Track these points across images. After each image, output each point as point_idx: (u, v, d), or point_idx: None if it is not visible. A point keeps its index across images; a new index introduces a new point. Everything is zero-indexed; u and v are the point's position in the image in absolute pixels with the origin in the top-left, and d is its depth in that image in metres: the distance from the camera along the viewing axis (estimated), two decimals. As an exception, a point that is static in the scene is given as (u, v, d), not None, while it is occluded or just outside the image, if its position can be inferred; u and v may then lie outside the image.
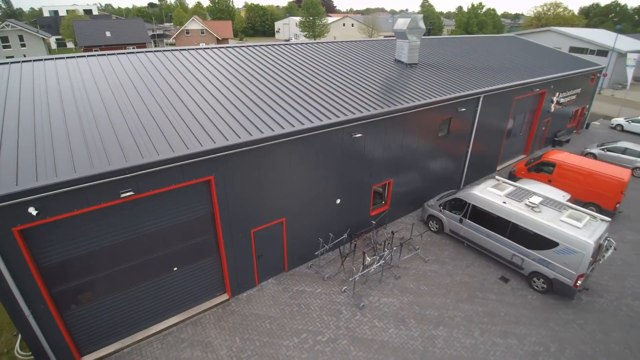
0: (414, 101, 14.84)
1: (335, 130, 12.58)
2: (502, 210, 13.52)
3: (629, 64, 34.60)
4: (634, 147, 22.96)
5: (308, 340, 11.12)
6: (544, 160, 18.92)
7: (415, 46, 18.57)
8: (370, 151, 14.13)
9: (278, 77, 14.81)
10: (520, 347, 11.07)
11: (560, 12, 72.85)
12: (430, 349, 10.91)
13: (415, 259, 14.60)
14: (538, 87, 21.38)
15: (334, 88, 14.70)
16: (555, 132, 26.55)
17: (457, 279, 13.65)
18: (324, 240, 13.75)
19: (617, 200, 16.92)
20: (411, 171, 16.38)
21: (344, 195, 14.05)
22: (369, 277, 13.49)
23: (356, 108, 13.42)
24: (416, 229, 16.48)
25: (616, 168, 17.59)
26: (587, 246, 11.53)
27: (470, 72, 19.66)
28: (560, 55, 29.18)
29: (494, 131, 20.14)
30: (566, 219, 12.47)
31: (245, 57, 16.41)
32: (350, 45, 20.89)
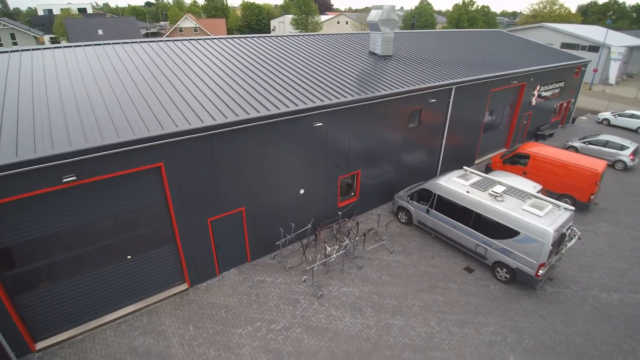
0: (380, 91, 14.71)
1: (294, 119, 12.46)
2: (466, 200, 13.37)
3: (613, 57, 34.23)
4: (615, 139, 22.74)
5: (262, 328, 11.01)
6: (519, 153, 18.75)
7: (388, 38, 18.43)
8: (334, 141, 14.00)
9: (242, 67, 14.72)
10: (476, 337, 10.92)
11: (555, 9, 72.48)
12: (384, 338, 10.77)
13: (381, 249, 14.46)
14: (516, 80, 21.20)
15: (300, 78, 14.60)
16: (538, 126, 26.32)
17: (421, 269, 13.50)
18: (286, 231, 13.61)
19: (591, 192, 16.72)
20: (381, 162, 16.24)
21: (308, 185, 13.93)
22: (331, 267, 13.37)
23: (318, 97, 13.29)
24: (385, 220, 16.34)
25: (591, 159, 17.40)
26: (547, 234, 11.37)
27: (445, 65, 19.51)
28: (545, 49, 28.97)
29: (470, 123, 19.97)
30: (528, 208, 12.31)
31: (216, 48, 16.32)
32: (328, 38, 20.77)
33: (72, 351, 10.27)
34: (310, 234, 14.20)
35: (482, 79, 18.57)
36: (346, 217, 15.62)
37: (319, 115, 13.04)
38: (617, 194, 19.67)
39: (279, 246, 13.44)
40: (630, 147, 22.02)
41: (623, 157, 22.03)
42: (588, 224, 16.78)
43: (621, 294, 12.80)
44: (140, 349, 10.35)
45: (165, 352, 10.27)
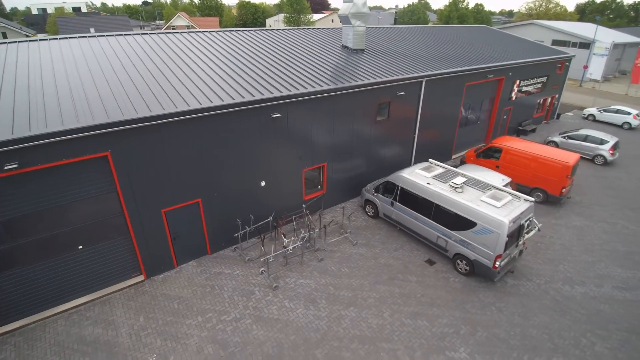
0: (344, 83, 14.57)
1: (252, 109, 12.35)
2: (426, 192, 13.22)
3: (597, 52, 33.86)
4: (595, 134, 22.51)
5: (212, 319, 10.91)
6: (492, 146, 18.57)
7: (360, 32, 18.30)
8: (296, 133, 13.87)
9: (205, 58, 14.64)
10: (428, 329, 10.77)
11: (551, 7, 72.06)
12: (334, 329, 10.64)
13: (344, 242, 14.32)
14: (492, 74, 21.01)
15: (264, 70, 14.52)
16: (520, 122, 26.10)
17: (382, 262, 13.35)
18: (246, 223, 13.49)
19: (562, 185, 16.52)
20: (349, 156, 16.10)
21: (269, 177, 13.81)
22: (291, 259, 13.24)
23: (277, 88, 13.18)
24: (353, 214, 16.21)
25: (563, 152, 17.21)
26: (502, 225, 11.21)
27: (419, 58, 19.36)
28: (529, 44, 28.75)
29: (445, 117, 19.80)
30: (486, 199, 12.15)
31: (183, 40, 16.26)
32: (304, 32, 20.64)
33: (22, 339, 10.23)
34: (271, 226, 14.06)
35: (454, 72, 18.40)
36: (312, 210, 15.47)
37: (278, 106, 12.92)
38: (594, 188, 19.45)
39: (238, 238, 13.31)
40: (610, 142, 21.79)
41: (603, 152, 21.81)
42: (560, 218, 16.59)
43: (585, 288, 12.61)
44: (89, 338, 10.30)
45: (113, 342, 10.21)
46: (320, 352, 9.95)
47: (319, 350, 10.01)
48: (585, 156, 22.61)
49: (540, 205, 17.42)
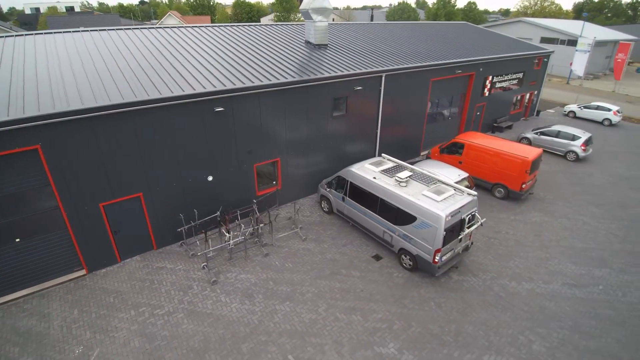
0: (294, 77, 14.45)
1: (194, 102, 12.25)
2: (372, 186, 13.08)
3: (580, 48, 33.47)
4: (567, 130, 22.22)
5: (145, 313, 10.84)
6: (455, 142, 18.37)
7: (321, 27, 18.17)
8: (244, 127, 13.76)
9: (155, 52, 14.57)
10: (361, 324, 10.62)
11: (546, 6, 71.49)
12: (266, 323, 10.52)
13: (294, 237, 14.20)
14: (460, 69, 20.79)
15: (213, 64, 14.41)
16: (495, 118, 25.84)
17: (328, 257, 13.22)
18: (191, 218, 13.39)
19: (522, 181, 16.30)
20: (306, 151, 15.97)
21: (217, 172, 13.71)
22: (236, 254, 13.14)
23: (222, 82, 13.08)
24: (309, 209, 16.09)
25: (525, 148, 16.99)
26: (439, 219, 11.04)
27: (385, 54, 19.19)
28: (508, 40, 28.48)
29: (410, 113, 19.61)
30: (427, 193, 11.98)
31: (140, 35, 16.22)
32: (272, 28, 20.55)
33: (-42, 330, 10.22)
34: (219, 221, 13.95)
35: (416, 67, 18.21)
36: (267, 206, 15.36)
37: (222, 100, 12.81)
38: (561, 184, 19.20)
39: (182, 233, 13.21)
40: (582, 137, 21.51)
41: (574, 148, 21.54)
42: (519, 214, 16.38)
43: (532, 284, 12.41)
44: (22, 329, 10.32)
45: (44, 333, 10.23)
46: (246, 346, 9.84)
47: (245, 344, 9.90)
48: (558, 152, 22.36)
49: (501, 201, 17.24)
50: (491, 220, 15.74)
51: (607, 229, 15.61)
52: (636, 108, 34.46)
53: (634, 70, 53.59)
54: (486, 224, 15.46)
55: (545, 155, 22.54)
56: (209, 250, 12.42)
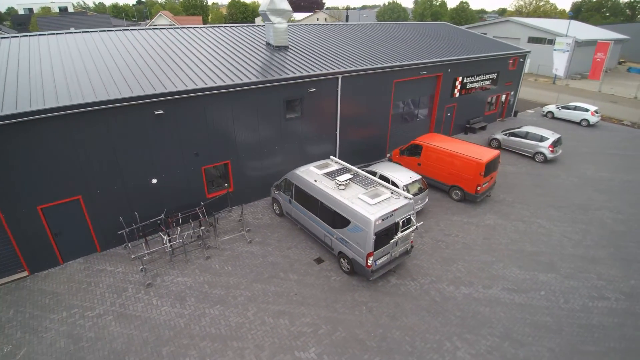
0: (241, 79, 14.44)
1: (134, 105, 12.27)
2: (313, 189, 13.04)
3: (558, 48, 33.08)
4: (535, 131, 22.02)
5: (76, 315, 10.90)
6: (413, 144, 18.26)
7: (279, 28, 18.14)
8: (190, 130, 13.76)
9: (105, 54, 14.62)
10: (287, 328, 10.59)
11: (541, 5, 70.86)
12: (191, 327, 10.53)
13: (240, 240, 14.19)
14: (426, 70, 20.66)
15: (161, 67, 14.43)
16: (468, 119, 25.67)
17: (269, 260, 13.20)
18: (133, 221, 13.42)
19: (477, 183, 16.18)
20: (259, 153, 15.95)
21: (162, 175, 13.74)
22: (176, 256, 13.16)
23: (164, 85, 13.10)
24: (262, 211, 16.09)
25: (481, 150, 16.85)
26: (369, 223, 10.98)
27: (347, 55, 19.11)
28: (485, 41, 28.26)
29: (373, 115, 19.52)
30: (362, 196, 11.92)
31: (96, 38, 16.29)
32: (236, 29, 20.51)
33: None
34: (164, 223, 13.97)
35: (375, 69, 18.12)
36: (218, 208, 15.37)
37: (164, 103, 12.83)
38: (523, 186, 19.05)
39: (124, 236, 13.25)
40: (550, 139, 21.30)
41: (542, 149, 21.35)
42: (474, 216, 16.26)
43: (471, 289, 12.30)
44: (-43, 328, 10.40)
45: (-22, 331, 10.30)
46: (166, 350, 9.85)
47: (166, 347, 9.92)
48: (527, 154, 22.18)
49: (458, 204, 17.12)
50: (443, 223, 15.65)
51: (562, 232, 15.46)
52: (619, 108, 34.12)
53: (624, 69, 53.04)
54: (437, 227, 15.39)
55: (514, 157, 22.45)
56: (144, 254, 12.43)
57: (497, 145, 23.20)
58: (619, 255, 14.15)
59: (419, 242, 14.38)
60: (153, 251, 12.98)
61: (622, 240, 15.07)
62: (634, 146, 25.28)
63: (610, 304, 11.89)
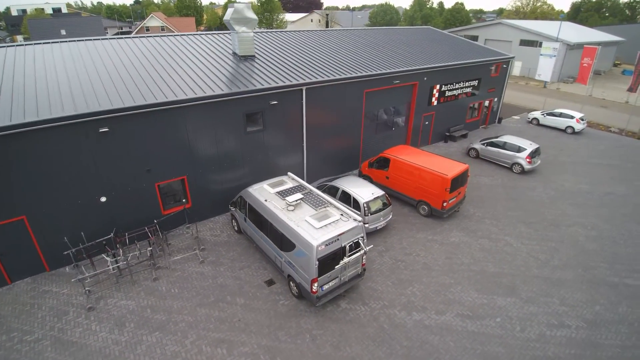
0: (196, 94, 14.05)
1: (77, 123, 11.92)
2: (263, 209, 12.66)
3: (545, 53, 32.36)
4: (513, 141, 21.47)
5: (15, 339, 10.63)
6: (381, 156, 17.81)
7: (245, 38, 17.70)
8: (141, 146, 13.39)
9: (51, 69, 14.28)
10: (225, 357, 10.22)
11: (538, 6, 69.78)
12: (126, 355, 10.19)
13: (193, 259, 13.83)
14: (399, 79, 20.17)
15: (115, 82, 14.08)
16: (448, 127, 25.15)
17: (219, 282, 12.82)
18: (80, 240, 13.07)
19: (443, 199, 15.71)
20: (219, 167, 15.57)
21: (112, 192, 13.39)
22: (123, 277, 12.82)
23: (111, 101, 12.74)
24: (221, 228, 15.73)
25: (448, 164, 16.34)
26: (311, 248, 10.57)
27: (315, 65, 18.65)
28: (468, 46, 27.67)
29: (343, 125, 19.07)
30: (309, 219, 11.51)
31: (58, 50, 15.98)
32: (205, 38, 20.11)
33: None
34: (114, 242, 13.60)
35: (342, 79, 17.66)
36: (175, 225, 15.02)
37: (111, 120, 12.46)
38: (496, 199, 18.55)
39: (70, 257, 12.89)
40: (528, 149, 20.75)
41: (520, 160, 20.82)
42: (439, 233, 15.80)
43: (423, 315, 11.83)
44: None
45: None
46: (95, 382, 9.53)
47: (95, 379, 9.59)
48: (504, 164, 21.66)
49: (424, 219, 16.67)
50: (406, 241, 15.21)
51: (529, 251, 14.98)
52: (609, 113, 33.42)
53: (620, 71, 52.10)
54: (399, 245, 14.95)
55: (491, 167, 21.93)
56: (85, 277, 12.09)
57: (475, 155, 22.69)
58: (587, 277, 13.65)
59: (378, 262, 13.96)
60: (96, 273, 12.61)
61: (592, 260, 14.57)
62: (619, 155, 24.67)
63: (570, 333, 11.40)
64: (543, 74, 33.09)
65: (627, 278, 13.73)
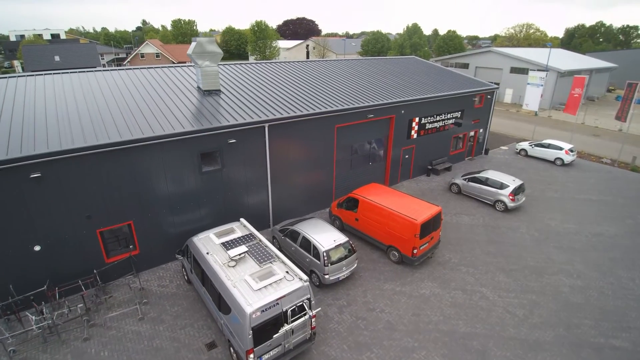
0: (143, 134, 13.17)
1: (4, 169, 10.97)
2: (205, 263, 11.50)
3: (532, 82, 31.68)
4: (495, 176, 20.37)
5: None
6: (350, 196, 16.71)
7: (208, 72, 17.00)
8: (79, 191, 12.39)
9: None
10: None
11: (531, 33, 70.10)
12: None
13: (132, 315, 12.56)
14: (373, 114, 19.32)
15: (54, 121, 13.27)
16: (431, 160, 24.14)
17: (155, 344, 11.50)
18: (10, 293, 11.88)
19: (412, 245, 14.49)
20: (171, 210, 14.52)
21: (47, 241, 12.31)
22: (53, 336, 11.54)
23: (43, 144, 11.84)
24: (173, 277, 14.51)
25: (419, 207, 15.19)
26: (245, 316, 9.33)
27: (281, 100, 17.86)
28: (452, 77, 27.01)
29: (313, 162, 18.09)
30: (249, 278, 10.32)
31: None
32: (170, 70, 19.50)
33: None
34: (32, 300, 12.30)
35: (309, 115, 16.81)
36: (120, 274, 13.85)
37: (39, 165, 11.51)
38: (475, 242, 17.27)
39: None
40: (511, 186, 19.61)
41: (502, 197, 19.65)
42: (408, 284, 14.48)
43: (381, 383, 10.47)
44: None
45: None
46: None
47: None
48: (487, 201, 20.48)
49: (395, 266, 15.40)
50: (371, 293, 13.90)
51: (506, 305, 13.61)
52: (601, 142, 32.41)
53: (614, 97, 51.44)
54: (362, 299, 13.63)
55: (474, 204, 20.75)
56: (6, 337, 10.84)
57: (457, 191, 21.56)
58: (568, 339, 12.24)
59: (336, 321, 12.62)
60: (17, 333, 11.33)
61: (576, 317, 13.17)
62: (611, 189, 23.46)
63: (545, 411, 9.96)
64: (530, 103, 32.31)
65: (613, 338, 12.32)
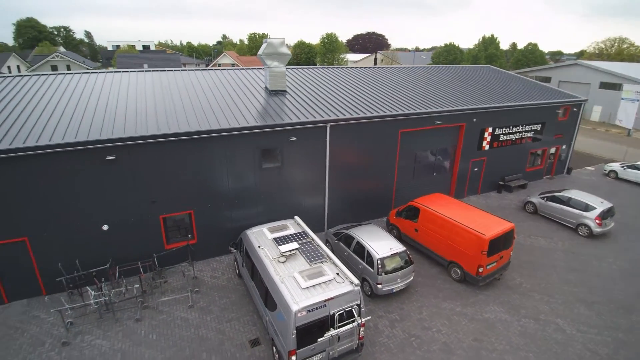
0: (210, 126, 13.59)
1: (80, 150, 11.91)
2: (255, 256, 11.31)
3: (626, 97, 27.59)
4: (581, 197, 17.88)
5: (-17, 365, 10.24)
6: (411, 205, 15.65)
7: (276, 72, 17.28)
8: (148, 176, 13.05)
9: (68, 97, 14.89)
10: None
11: (624, 48, 62.54)
12: (76, 410, 9.16)
13: (183, 302, 12.76)
14: (441, 120, 18.15)
15: (129, 111, 14.24)
16: (503, 175, 22.06)
17: (201, 334, 11.49)
18: (75, 268, 12.75)
19: (479, 263, 13.06)
20: (230, 204, 14.74)
21: (114, 221, 13.09)
22: (107, 313, 12.10)
23: (119, 130, 12.69)
24: (225, 269, 14.62)
25: (490, 221, 13.72)
26: (290, 313, 8.89)
27: (346, 102, 17.53)
28: (531, 86, 24.71)
29: (373, 167, 17.38)
30: (297, 275, 9.88)
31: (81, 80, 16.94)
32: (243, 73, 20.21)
33: None
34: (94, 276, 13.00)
35: (370, 117, 16.21)
36: (177, 261, 14.28)
37: (114, 149, 12.31)
38: (553, 268, 15.17)
39: (63, 284, 12.59)
40: (598, 208, 17.06)
41: (587, 221, 17.17)
42: (471, 305, 13.02)
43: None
44: None
45: None
46: None
47: None
48: (569, 224, 18.05)
49: (456, 285, 14.01)
50: (427, 311, 12.69)
51: (587, 341, 11.61)
52: None
53: None
54: (417, 315, 12.49)
55: (552, 227, 18.44)
56: (65, 308, 11.55)
57: (533, 210, 19.36)
58: (670, 393, 9.99)
59: (386, 335, 11.65)
60: (76, 306, 12.03)
61: (680, 367, 10.78)
62: None
63: None
64: (625, 119, 28.36)
65: None
